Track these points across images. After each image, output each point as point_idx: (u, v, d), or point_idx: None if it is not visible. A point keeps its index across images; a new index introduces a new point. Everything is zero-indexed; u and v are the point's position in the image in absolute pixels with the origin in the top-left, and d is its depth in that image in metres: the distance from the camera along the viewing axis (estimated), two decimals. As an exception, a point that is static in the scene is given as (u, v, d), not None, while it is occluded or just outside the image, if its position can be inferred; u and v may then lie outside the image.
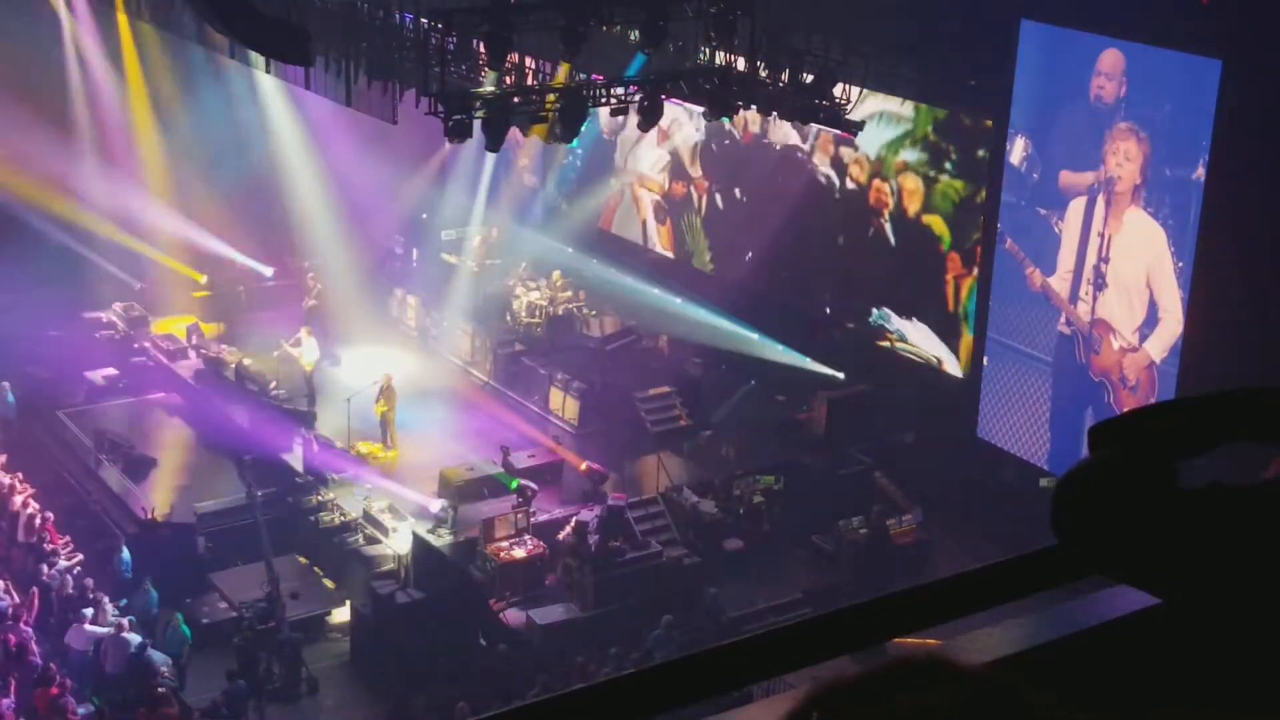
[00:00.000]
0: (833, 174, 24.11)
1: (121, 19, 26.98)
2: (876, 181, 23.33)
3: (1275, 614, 1.51)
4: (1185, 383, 18.66)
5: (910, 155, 22.67)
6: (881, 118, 22.58)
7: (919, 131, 22.49)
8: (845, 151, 23.59)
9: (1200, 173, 18.34)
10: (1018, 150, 20.68)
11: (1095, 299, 20.05)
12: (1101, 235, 19.86)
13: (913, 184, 22.70)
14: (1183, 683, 1.82)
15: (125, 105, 28.32)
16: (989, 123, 21.11)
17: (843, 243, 24.09)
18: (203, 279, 27.86)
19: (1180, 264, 18.75)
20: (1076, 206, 20.14)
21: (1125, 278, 19.70)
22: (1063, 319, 20.55)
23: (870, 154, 23.18)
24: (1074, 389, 20.39)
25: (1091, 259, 20.03)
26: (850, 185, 23.81)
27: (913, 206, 22.76)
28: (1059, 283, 20.51)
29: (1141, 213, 19.32)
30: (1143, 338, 19.47)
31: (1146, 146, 19.10)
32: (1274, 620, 1.52)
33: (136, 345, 25.70)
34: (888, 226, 23.21)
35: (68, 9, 27.89)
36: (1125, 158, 19.36)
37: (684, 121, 26.40)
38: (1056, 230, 20.41)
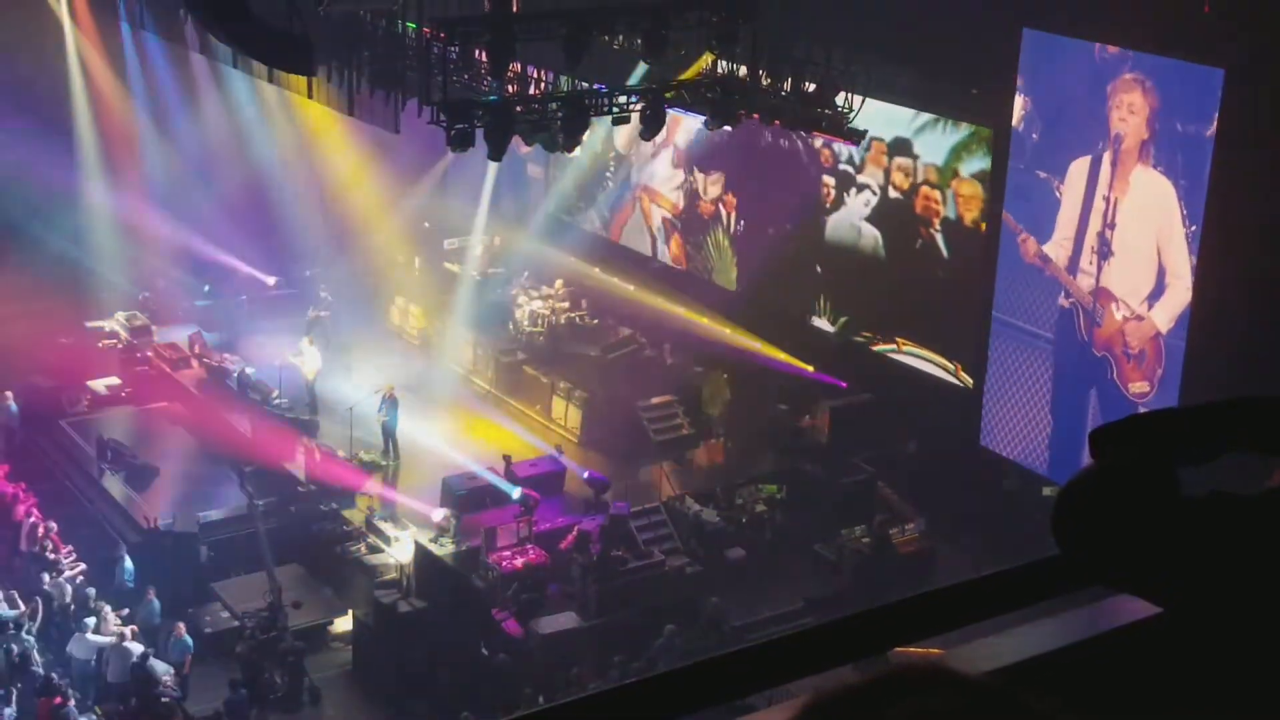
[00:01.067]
0: (873, 183, 23.41)
1: (124, 28, 27.03)
2: (925, 189, 22.41)
3: (1276, 623, 1.51)
4: (1193, 355, 18.23)
5: (981, 161, 21.61)
6: (939, 122, 22.15)
7: (983, 132, 21.62)
8: (902, 161, 22.75)
9: (1212, 129, 17.60)
10: (1017, 109, 20.22)
11: (1100, 269, 19.37)
12: (1107, 199, 19.15)
13: (970, 190, 21.88)
14: (1184, 692, 1.81)
15: (128, 114, 28.37)
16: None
17: (884, 255, 23.48)
18: (206, 288, 27.88)
19: (1193, 227, 18.01)
20: (1079, 168, 19.46)
21: (1132, 243, 18.93)
22: (1062, 292, 20.06)
23: (938, 161, 22.24)
24: (1076, 367, 20.01)
25: (1096, 225, 19.34)
26: (893, 194, 23.07)
27: (970, 214, 22.04)
28: (1055, 250, 19.91)
29: (1150, 171, 18.54)
30: (1149, 306, 18.89)
31: (1153, 98, 18.41)
32: (1275, 629, 1.52)
33: (139, 354, 25.71)
34: (939, 236, 22.52)
35: (71, 19, 27.93)
36: (1130, 111, 18.60)
37: (693, 128, 26.20)
38: (1057, 195, 19.83)
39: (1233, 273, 17.70)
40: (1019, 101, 20.18)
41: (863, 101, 18.80)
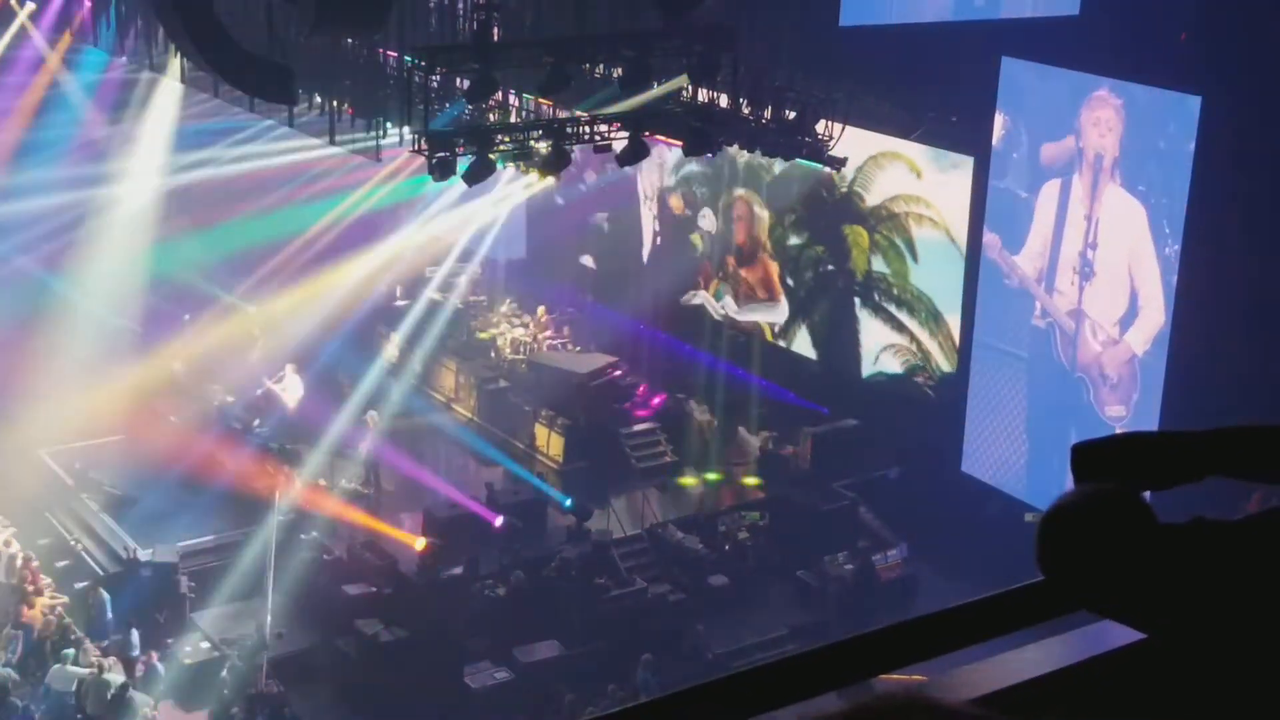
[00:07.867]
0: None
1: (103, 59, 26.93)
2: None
3: (1259, 648, 1.51)
4: (1173, 375, 18.23)
5: None
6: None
7: None
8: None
9: (1191, 145, 17.57)
10: (997, 127, 20.35)
11: (1082, 290, 19.44)
12: (1087, 219, 19.16)
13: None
14: (1169, 718, 1.81)
15: (109, 145, 28.23)
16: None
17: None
18: (187, 317, 27.74)
19: (1175, 246, 17.96)
20: (1051, 189, 19.53)
21: (1106, 264, 19.03)
22: (1038, 310, 20.11)
23: None
24: (1052, 388, 20.02)
25: (1077, 246, 19.38)
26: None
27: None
28: (1027, 264, 19.95)
29: (1120, 190, 18.62)
30: (1123, 329, 18.95)
31: (1128, 118, 18.44)
32: (1258, 654, 1.52)
33: (119, 384, 25.53)
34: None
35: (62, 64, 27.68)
36: (1106, 129, 18.70)
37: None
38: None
39: (1211, 294, 17.77)
40: (999, 120, 20.28)
41: (843, 129, 18.88)
